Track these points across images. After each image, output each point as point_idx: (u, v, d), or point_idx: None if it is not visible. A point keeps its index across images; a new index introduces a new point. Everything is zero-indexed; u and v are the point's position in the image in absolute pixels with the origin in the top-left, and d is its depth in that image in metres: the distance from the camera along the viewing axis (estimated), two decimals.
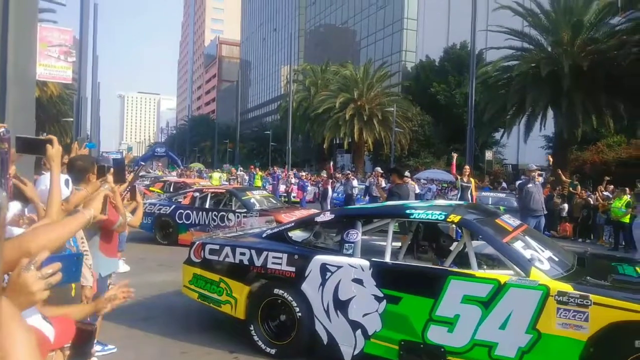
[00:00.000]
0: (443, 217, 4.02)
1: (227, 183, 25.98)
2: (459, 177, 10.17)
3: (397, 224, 4.81)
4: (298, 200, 20.20)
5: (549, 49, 23.80)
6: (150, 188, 17.34)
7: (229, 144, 63.16)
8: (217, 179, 26.88)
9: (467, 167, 10.52)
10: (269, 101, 79.94)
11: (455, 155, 10.69)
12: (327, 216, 4.57)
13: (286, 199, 21.36)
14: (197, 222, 10.46)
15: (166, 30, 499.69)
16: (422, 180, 22.52)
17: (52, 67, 12.46)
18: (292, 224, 4.88)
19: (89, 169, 3.70)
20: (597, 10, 22.40)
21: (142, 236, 10.68)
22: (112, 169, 3.35)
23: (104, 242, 3.80)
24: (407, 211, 4.23)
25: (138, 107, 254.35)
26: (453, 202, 5.48)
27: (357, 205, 5.70)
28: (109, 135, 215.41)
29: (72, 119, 25.21)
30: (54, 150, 2.18)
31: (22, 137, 2.21)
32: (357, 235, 4.19)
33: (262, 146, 58.65)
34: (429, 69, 41.39)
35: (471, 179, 10.36)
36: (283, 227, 4.86)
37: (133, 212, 4.16)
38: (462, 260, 4.26)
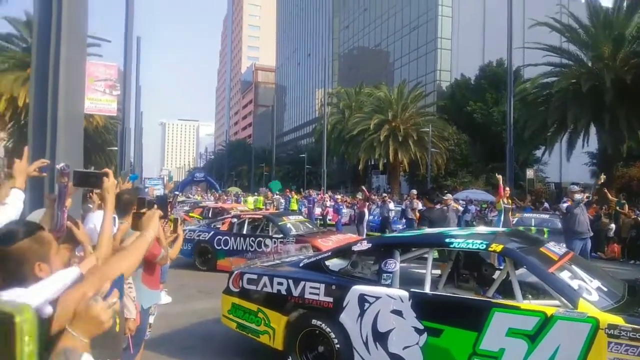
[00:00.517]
0: (484, 246, 3.91)
1: (263, 207, 26.27)
2: (501, 199, 9.86)
3: (436, 250, 4.71)
4: (334, 223, 20.15)
5: (590, 64, 23.17)
6: (190, 214, 17.74)
7: (264, 167, 64.10)
8: (252, 203, 27.23)
9: (507, 188, 10.22)
10: (303, 124, 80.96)
11: (500, 178, 10.30)
12: (364, 245, 4.54)
13: (322, 222, 21.38)
14: (235, 247, 10.59)
15: (205, 59, 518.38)
16: (460, 201, 22.01)
17: (98, 100, 13.11)
18: (329, 253, 4.87)
19: (134, 202, 3.85)
20: (639, 22, 21.70)
21: (181, 262, 10.89)
22: (155, 205, 3.46)
23: (146, 274, 3.89)
24: (447, 240, 4.14)
25: (178, 133, 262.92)
26: (494, 229, 5.33)
27: (394, 234, 5.63)
28: (150, 162, 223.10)
29: (116, 148, 26.34)
30: (110, 182, 2.24)
31: (80, 171, 2.30)
32: (395, 264, 4.14)
33: (298, 169, 59.21)
34: (464, 87, 40.98)
35: (509, 201, 10.07)
36: (320, 257, 4.85)
37: (173, 242, 4.27)
38: (506, 289, 4.12)
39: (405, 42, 53.64)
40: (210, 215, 17.51)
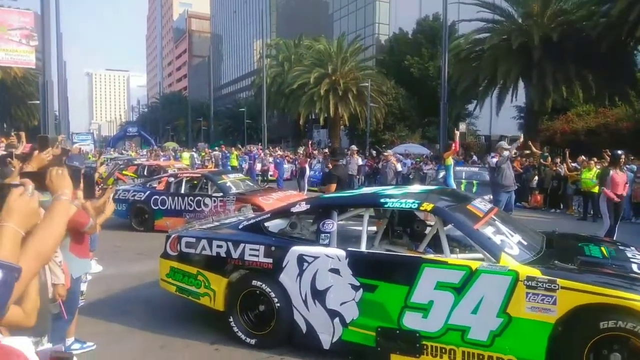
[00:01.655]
0: (417, 205, 4.08)
1: (199, 164, 25.66)
2: (451, 155, 9.83)
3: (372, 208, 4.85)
4: (275, 179, 20.15)
5: (520, 20, 23.95)
6: (124, 172, 17.00)
7: (202, 122, 62.18)
8: (188, 159, 26.52)
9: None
10: (242, 77, 78.66)
11: (457, 133, 10.14)
12: (303, 206, 4.58)
13: (263, 179, 21.30)
14: (173, 207, 10.36)
15: (133, 3, 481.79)
16: (397, 155, 22.65)
17: (14, 51, 11.92)
18: (268, 215, 4.88)
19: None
20: None
21: (117, 223, 10.54)
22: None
23: (74, 243, 3.74)
24: (382, 200, 4.27)
25: (107, 85, 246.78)
26: (426, 188, 5.55)
27: (332, 194, 5.72)
28: (78, 115, 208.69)
29: (38, 101, 24.34)
30: (18, 201, 1.53)
31: None
32: (332, 225, 4.23)
33: (237, 123, 57.99)
34: (402, 42, 41.22)
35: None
36: (259, 218, 4.85)
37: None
38: (436, 243, 4.35)
39: None
40: (145, 173, 16.87)
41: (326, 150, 19.90)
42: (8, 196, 1.45)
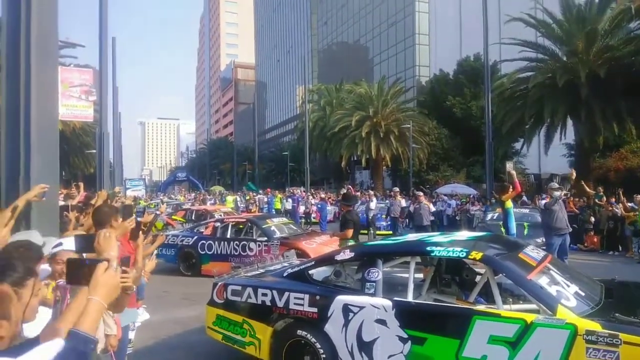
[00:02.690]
0: (465, 254, 3.97)
1: (244, 207, 26.14)
2: (509, 197, 9.07)
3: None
4: (317, 221, 20.18)
5: (564, 58, 23.55)
6: (173, 217, 17.61)
7: (247, 165, 63.78)
8: (231, 202, 27.12)
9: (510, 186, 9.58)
10: (285, 121, 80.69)
11: (514, 173, 9.70)
12: (347, 254, 4.56)
13: (306, 221, 21.40)
14: (219, 252, 10.53)
15: (183, 57, 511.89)
16: (442, 196, 22.25)
17: (74, 107, 12.86)
18: (312, 263, 4.88)
19: (112, 215, 3.86)
20: (611, 17, 22.12)
21: (165, 268, 10.79)
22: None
23: None
24: (428, 248, 4.19)
25: (158, 132, 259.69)
26: (474, 235, 5.40)
27: (377, 242, 5.66)
28: (131, 162, 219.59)
29: (95, 151, 25.87)
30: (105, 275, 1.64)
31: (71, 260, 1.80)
32: (378, 273, 4.17)
33: (280, 166, 59.09)
34: (443, 82, 41.30)
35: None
36: (303, 266, 4.86)
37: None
38: (487, 292, 4.19)
39: (383, 38, 53.79)
40: (193, 217, 17.41)
41: (370, 191, 19.85)
42: (95, 271, 1.55)
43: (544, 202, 8.91)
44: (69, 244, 2.69)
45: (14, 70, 4.38)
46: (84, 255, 2.17)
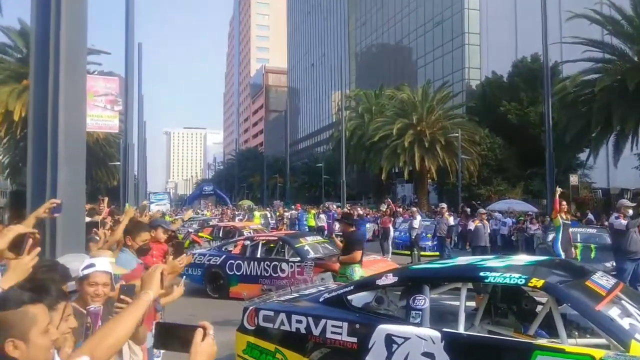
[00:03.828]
0: (523, 281, 3.89)
1: (274, 224, 26.36)
2: (558, 214, 9.47)
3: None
4: None
5: (635, 58, 22.78)
6: (200, 234, 17.93)
7: (278, 178, 64.48)
8: (259, 217, 27.41)
9: (564, 202, 9.82)
10: (319, 130, 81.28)
11: (559, 190, 9.91)
12: (390, 279, 4.55)
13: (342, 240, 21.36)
14: (248, 273, 10.65)
15: (211, 62, 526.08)
16: (496, 214, 21.75)
17: (99, 117, 13.44)
18: (352, 287, 4.88)
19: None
20: None
21: (191, 289, 10.99)
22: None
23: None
24: (482, 273, 4.13)
25: (184, 143, 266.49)
26: (534, 260, 5.27)
27: (423, 265, 5.61)
28: (155, 174, 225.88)
29: (119, 163, 26.82)
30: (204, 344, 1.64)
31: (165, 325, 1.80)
32: (424, 301, 4.14)
33: (314, 179, 59.42)
34: (496, 86, 40.66)
35: (568, 216, 9.80)
36: (342, 291, 4.87)
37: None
38: (550, 324, 4.08)
39: (428, 38, 53.52)
40: (221, 234, 17.67)
41: (413, 208, 19.67)
42: (194, 339, 1.63)
43: (617, 220, 8.56)
44: (102, 264, 2.78)
45: (43, 81, 4.64)
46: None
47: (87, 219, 5.77)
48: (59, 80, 4.60)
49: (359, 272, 6.98)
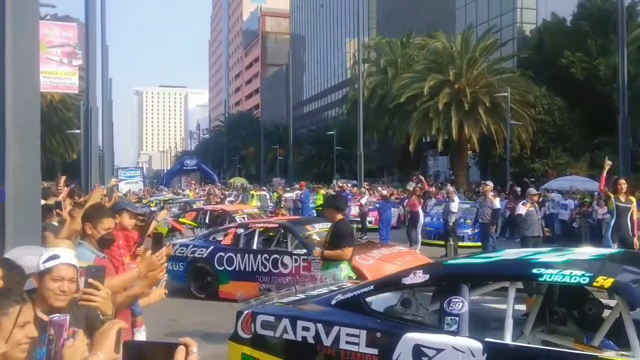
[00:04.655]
0: (588, 279, 3.89)
1: (272, 206, 26.51)
2: (612, 196, 9.70)
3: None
4: (377, 227, 20.20)
5: None
6: (181, 219, 18.09)
7: (278, 149, 64.61)
8: (256, 199, 27.60)
9: (621, 180, 10.00)
10: (330, 90, 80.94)
11: (608, 163, 10.19)
12: (419, 276, 4.57)
13: (359, 227, 21.47)
14: (242, 268, 10.77)
15: (193, 2, 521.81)
16: (553, 195, 21.70)
17: (54, 74, 13.42)
18: (371, 287, 4.92)
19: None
20: None
21: (173, 288, 11.12)
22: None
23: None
24: (535, 270, 4.14)
25: (160, 105, 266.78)
26: (602, 252, 5.27)
27: (461, 260, 5.64)
28: (124, 145, 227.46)
29: (79, 131, 26.96)
30: None
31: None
32: (462, 304, 4.16)
33: (324, 151, 59.43)
34: (556, 31, 40.23)
35: (631, 198, 9.85)
36: (359, 291, 4.91)
37: None
38: (619, 333, 4.10)
39: None
40: (207, 220, 17.83)
41: (450, 188, 19.65)
42: (175, 355, 1.72)
43: None
44: (68, 256, 2.83)
45: None
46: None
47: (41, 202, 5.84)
48: (4, 28, 4.56)
49: (345, 272, 7.02)
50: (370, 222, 22.16)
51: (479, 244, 16.49)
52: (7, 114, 4.51)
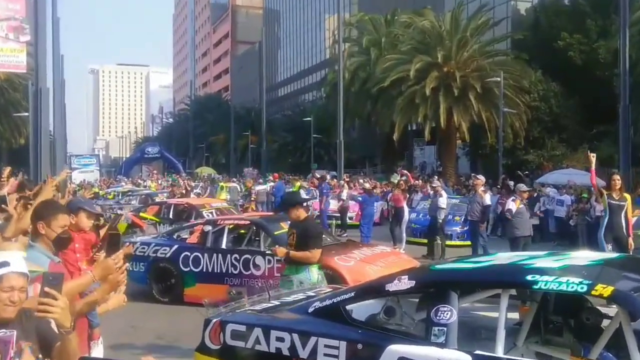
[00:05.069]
0: (586, 288, 3.94)
1: (242, 201, 26.42)
2: (604, 192, 9.87)
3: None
4: (357, 223, 20.26)
5: None
6: (142, 214, 17.96)
7: (250, 137, 64.35)
8: (225, 192, 27.47)
9: (616, 176, 10.18)
10: (308, 71, 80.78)
11: (592, 157, 10.47)
12: (404, 283, 4.59)
13: (339, 223, 21.51)
14: (210, 269, 10.74)
15: None
16: (548, 189, 21.91)
17: None
18: (352, 294, 4.94)
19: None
20: None
21: (134, 291, 11.04)
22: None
23: None
24: (529, 277, 4.17)
25: (118, 86, 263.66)
26: (601, 257, 5.34)
27: (449, 264, 5.67)
28: (78, 129, 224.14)
29: (27, 114, 26.56)
30: None
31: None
32: (451, 313, 4.19)
33: (301, 139, 59.34)
34: (554, 12, 40.54)
35: (625, 195, 10.04)
36: (338, 299, 4.92)
37: None
38: (619, 345, 4.17)
39: None
40: (171, 215, 17.74)
41: (436, 182, 19.76)
42: None
43: None
44: (17, 262, 2.80)
45: None
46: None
47: None
48: None
49: (316, 275, 6.98)
50: (351, 218, 22.14)
51: (468, 242, 16.60)
52: None
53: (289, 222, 7.63)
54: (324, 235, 11.79)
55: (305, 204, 7.77)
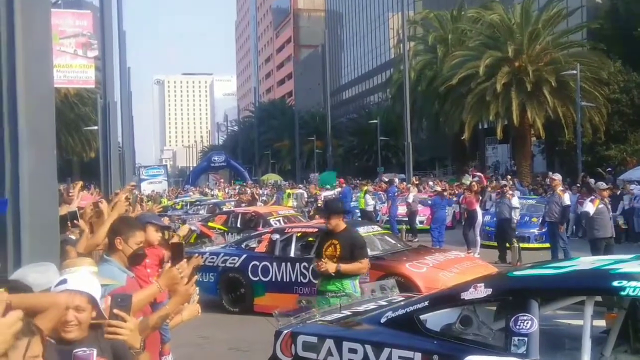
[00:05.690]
0: None
1: (309, 208, 26.58)
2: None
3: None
4: (428, 227, 20.07)
5: None
6: (210, 224, 18.28)
7: (316, 142, 64.72)
8: (291, 199, 27.74)
9: None
10: (372, 72, 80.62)
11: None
12: (481, 290, 4.52)
13: (409, 227, 21.37)
14: (279, 278, 10.82)
15: None
16: (632, 187, 21.19)
17: (68, 67, 13.68)
18: (426, 303, 4.89)
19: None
20: None
21: (203, 301, 11.22)
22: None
23: None
24: (616, 283, 4.04)
25: (183, 96, 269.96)
26: None
27: (529, 269, 5.55)
28: (145, 140, 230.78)
29: (96, 127, 27.48)
30: None
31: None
32: (532, 323, 4.11)
33: (367, 142, 59.31)
34: None
35: None
36: (411, 308, 4.89)
37: None
38: None
39: None
40: (239, 224, 17.96)
41: (504, 183, 19.39)
42: None
43: None
44: (76, 280, 2.82)
45: None
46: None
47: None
48: (14, 19, 4.56)
49: (359, 287, 6.85)
50: (422, 222, 21.95)
51: (547, 245, 16.25)
52: (19, 115, 4.48)
53: (326, 231, 7.30)
54: (394, 241, 11.84)
55: (345, 212, 7.71)
